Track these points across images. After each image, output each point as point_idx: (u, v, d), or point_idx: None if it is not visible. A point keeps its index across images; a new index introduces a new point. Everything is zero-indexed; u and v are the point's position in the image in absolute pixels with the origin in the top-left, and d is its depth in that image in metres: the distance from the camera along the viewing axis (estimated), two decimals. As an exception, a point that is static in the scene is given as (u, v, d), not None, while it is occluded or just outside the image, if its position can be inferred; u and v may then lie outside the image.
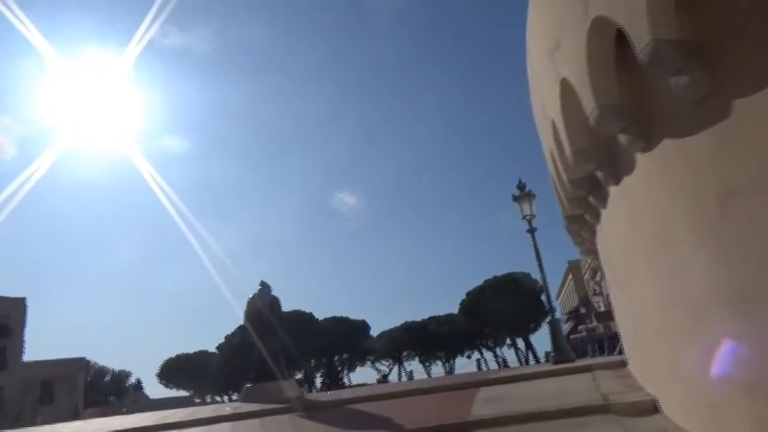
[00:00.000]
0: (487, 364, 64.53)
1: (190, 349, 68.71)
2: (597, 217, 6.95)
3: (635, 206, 4.95)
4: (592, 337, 36.64)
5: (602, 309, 41.12)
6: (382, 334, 68.56)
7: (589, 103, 4.57)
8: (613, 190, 5.60)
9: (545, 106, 6.37)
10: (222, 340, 63.46)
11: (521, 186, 10.60)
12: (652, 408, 5.54)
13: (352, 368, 70.34)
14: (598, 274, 41.50)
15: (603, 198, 6.09)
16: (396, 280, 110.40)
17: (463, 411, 6.69)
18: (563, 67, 5.10)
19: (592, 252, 9.55)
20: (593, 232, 7.77)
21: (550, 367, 8.91)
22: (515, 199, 10.65)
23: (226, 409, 9.36)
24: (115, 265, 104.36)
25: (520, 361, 61.90)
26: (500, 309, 54.84)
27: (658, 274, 4.59)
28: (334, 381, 65.78)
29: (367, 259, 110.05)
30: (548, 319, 9.99)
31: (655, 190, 4.48)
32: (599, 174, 5.47)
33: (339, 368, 68.33)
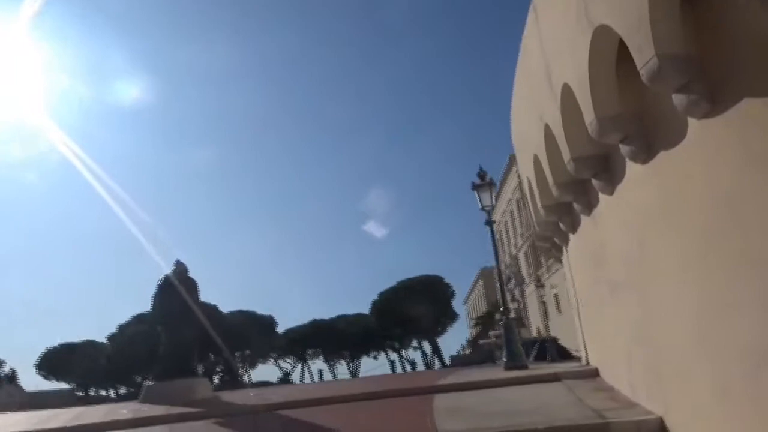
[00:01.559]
0: (393, 366, 64.40)
1: (77, 338, 63.14)
2: (589, 206, 6.13)
3: (681, 184, 4.06)
4: (497, 344, 36.92)
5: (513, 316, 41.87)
6: (289, 331, 66.66)
7: (645, 54, 3.65)
8: (633, 168, 4.73)
9: (552, 67, 5.44)
10: (114, 330, 58.98)
11: (482, 174, 9.61)
12: (658, 428, 4.73)
13: (253, 365, 67.93)
14: (512, 282, 42.18)
15: (612, 180, 5.23)
16: (309, 278, 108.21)
17: (424, 424, 5.60)
18: (600, 14, 4.17)
19: (556, 249, 8.82)
20: (574, 226, 6.97)
21: (510, 374, 8.04)
22: (475, 187, 9.65)
23: (123, 411, 7.70)
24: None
25: (426, 364, 62.21)
26: (412, 311, 54.75)
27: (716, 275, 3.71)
28: (233, 378, 62.95)
29: (279, 254, 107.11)
30: (502, 320, 9.11)
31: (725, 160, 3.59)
32: (625, 149, 4.57)
33: (240, 365, 65.58)
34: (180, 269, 9.25)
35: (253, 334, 59.99)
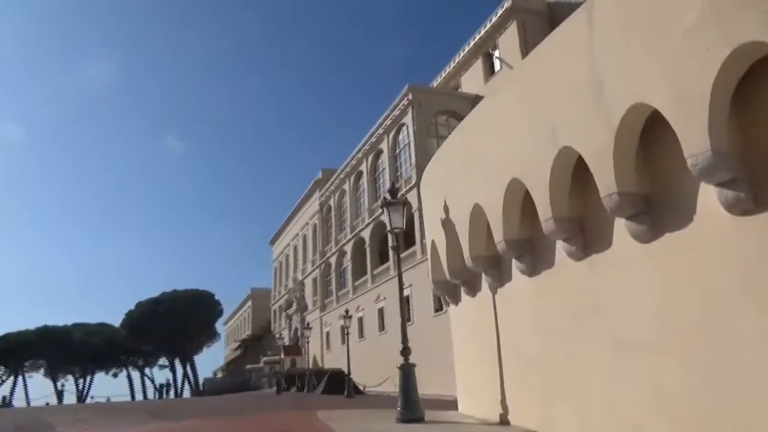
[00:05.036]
0: (133, 386, 58.03)
1: None
2: (585, 248, 5.30)
3: None
4: (275, 372, 35.27)
5: (288, 343, 40.36)
6: (6, 336, 55.31)
7: None
8: (715, 214, 3.98)
9: (608, 79, 4.51)
10: None
11: (394, 190, 8.04)
12: None
13: (-56, 374, 54.84)
14: (293, 307, 40.75)
15: (657, 226, 4.43)
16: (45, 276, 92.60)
17: None
18: None
19: (468, 288, 7.89)
20: (535, 268, 6.11)
21: (416, 428, 6.66)
22: (385, 205, 8.12)
23: None
24: None
25: (175, 385, 56.95)
26: (170, 326, 49.64)
27: None
28: None
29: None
30: (401, 362, 7.63)
31: None
32: (725, 193, 3.77)
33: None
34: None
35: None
